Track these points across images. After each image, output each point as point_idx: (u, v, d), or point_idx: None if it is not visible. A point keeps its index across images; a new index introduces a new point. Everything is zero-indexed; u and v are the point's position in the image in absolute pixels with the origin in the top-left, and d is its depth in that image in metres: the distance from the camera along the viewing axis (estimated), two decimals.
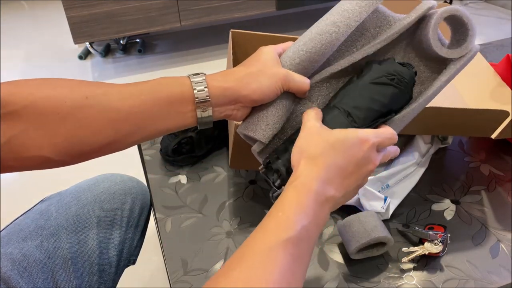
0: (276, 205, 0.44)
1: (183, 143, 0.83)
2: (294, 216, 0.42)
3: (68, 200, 0.73)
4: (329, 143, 0.45)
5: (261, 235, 0.42)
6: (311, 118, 0.48)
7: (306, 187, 0.43)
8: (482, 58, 0.93)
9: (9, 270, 0.62)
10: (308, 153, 0.45)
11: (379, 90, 0.49)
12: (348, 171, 0.45)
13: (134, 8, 2.13)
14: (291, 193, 0.44)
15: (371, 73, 0.50)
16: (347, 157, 0.45)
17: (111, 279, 0.74)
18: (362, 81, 0.50)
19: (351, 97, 0.50)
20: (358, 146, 0.45)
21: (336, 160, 0.44)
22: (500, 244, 0.68)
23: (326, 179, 0.44)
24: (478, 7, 2.94)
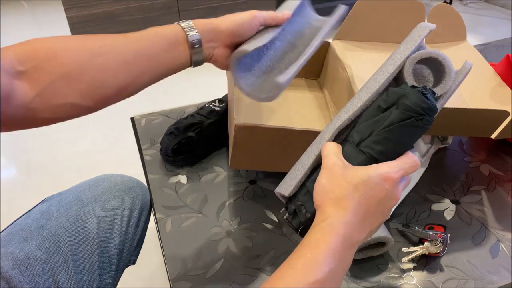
0: (304, 245, 0.44)
1: (183, 143, 0.83)
2: (323, 258, 0.42)
3: (69, 200, 0.73)
4: (352, 184, 0.45)
5: (288, 275, 0.42)
6: (331, 153, 0.48)
7: (335, 231, 0.43)
8: (482, 58, 0.93)
9: (10, 269, 0.62)
10: (333, 195, 0.45)
11: (407, 133, 0.47)
12: (371, 211, 0.45)
13: (134, 8, 2.13)
14: (320, 235, 0.43)
15: (399, 112, 0.47)
16: (371, 198, 0.45)
17: (111, 278, 0.74)
18: (389, 120, 0.47)
19: (378, 141, 0.47)
20: (381, 185, 0.45)
21: (361, 201, 0.44)
22: (500, 244, 0.68)
23: (353, 223, 0.44)
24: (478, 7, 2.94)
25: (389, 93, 0.48)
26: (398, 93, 0.48)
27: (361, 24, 0.92)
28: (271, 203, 0.77)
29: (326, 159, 0.47)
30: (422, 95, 0.47)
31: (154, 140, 0.92)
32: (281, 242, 0.70)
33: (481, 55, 0.94)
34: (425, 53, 0.52)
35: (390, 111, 0.47)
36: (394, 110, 0.47)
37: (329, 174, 0.46)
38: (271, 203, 0.77)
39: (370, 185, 0.45)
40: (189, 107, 1.01)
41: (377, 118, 0.48)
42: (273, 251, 0.68)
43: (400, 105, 0.47)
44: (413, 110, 0.46)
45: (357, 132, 0.49)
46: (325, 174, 0.46)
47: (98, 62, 0.50)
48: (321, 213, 0.45)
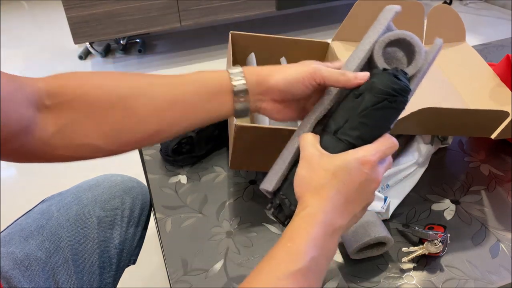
0: (285, 235, 0.43)
1: (183, 143, 0.83)
2: (304, 247, 0.42)
3: (69, 200, 0.73)
4: (330, 172, 0.44)
5: (270, 265, 0.42)
6: (308, 144, 0.48)
7: (315, 219, 0.43)
8: (481, 59, 0.93)
9: (10, 269, 0.62)
10: (312, 185, 0.45)
11: (382, 116, 0.47)
12: (352, 197, 0.45)
13: (134, 8, 2.13)
14: (299, 224, 0.43)
15: (371, 96, 0.47)
16: (350, 183, 0.45)
17: (111, 278, 0.75)
18: (363, 105, 0.47)
19: (354, 127, 0.47)
20: (359, 169, 0.44)
21: (339, 188, 0.44)
22: (500, 244, 0.68)
23: (333, 209, 0.44)
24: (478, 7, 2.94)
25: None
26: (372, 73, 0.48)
27: (360, 24, 0.92)
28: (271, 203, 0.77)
29: (303, 150, 0.48)
30: (393, 76, 0.47)
31: None
32: None
33: (481, 55, 0.94)
34: (393, 35, 0.52)
35: (363, 96, 0.48)
36: (366, 95, 0.47)
37: (307, 165, 0.46)
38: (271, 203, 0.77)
39: (348, 171, 0.44)
40: None
41: (352, 105, 0.48)
42: None
43: (372, 89, 0.47)
44: (385, 93, 0.47)
45: (333, 120, 0.49)
46: (303, 165, 0.46)
47: (127, 105, 0.47)
48: (301, 203, 0.45)
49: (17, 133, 0.42)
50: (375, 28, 0.54)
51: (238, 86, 0.50)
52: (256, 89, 0.50)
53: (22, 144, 0.44)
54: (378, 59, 0.52)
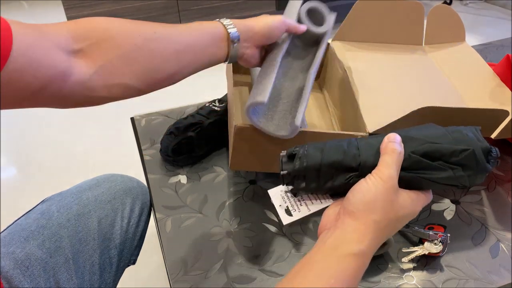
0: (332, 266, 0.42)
1: (183, 143, 0.83)
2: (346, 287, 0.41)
3: (69, 200, 0.73)
4: (397, 216, 0.45)
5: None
6: (393, 163, 0.45)
7: (364, 260, 0.43)
8: (481, 59, 0.93)
9: (11, 269, 0.62)
10: (378, 218, 0.44)
11: (442, 188, 0.49)
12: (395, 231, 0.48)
13: (134, 8, 2.13)
14: (350, 264, 0.42)
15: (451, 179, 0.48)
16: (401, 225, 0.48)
17: (111, 278, 0.75)
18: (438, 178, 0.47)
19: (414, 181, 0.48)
20: (416, 213, 0.48)
21: (393, 231, 0.47)
22: (500, 244, 0.68)
23: (376, 247, 0.45)
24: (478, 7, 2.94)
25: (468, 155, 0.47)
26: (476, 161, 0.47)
27: (360, 24, 0.92)
28: (271, 203, 0.77)
29: (386, 168, 0.45)
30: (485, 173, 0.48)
31: (154, 140, 0.92)
32: (281, 242, 0.70)
33: (481, 55, 0.94)
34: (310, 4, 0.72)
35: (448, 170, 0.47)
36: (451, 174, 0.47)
37: (382, 191, 0.44)
38: (271, 203, 0.77)
39: (407, 218, 0.47)
40: (189, 107, 1.01)
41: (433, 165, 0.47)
42: (273, 251, 0.68)
43: (460, 177, 0.48)
44: (464, 184, 0.48)
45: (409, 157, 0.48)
46: (378, 187, 0.44)
47: (153, 47, 0.52)
48: (357, 231, 0.43)
49: (53, 78, 0.44)
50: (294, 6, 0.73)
51: (233, 33, 0.60)
52: (244, 36, 0.61)
53: (59, 89, 0.46)
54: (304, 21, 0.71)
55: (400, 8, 0.92)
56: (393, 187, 0.45)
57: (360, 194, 0.44)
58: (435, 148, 0.48)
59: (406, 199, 0.46)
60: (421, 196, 0.48)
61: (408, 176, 0.47)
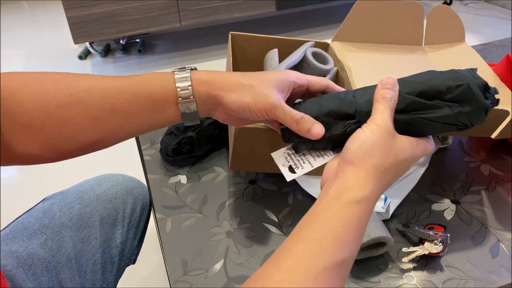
0: (335, 215, 0.41)
1: (183, 143, 0.83)
2: (353, 235, 0.40)
3: (71, 200, 0.73)
4: (397, 159, 0.44)
5: (317, 249, 0.39)
6: (387, 110, 0.45)
7: (368, 207, 0.42)
8: (480, 59, 0.93)
9: (14, 268, 0.62)
10: (377, 162, 0.43)
11: (440, 129, 0.48)
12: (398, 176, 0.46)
13: (134, 8, 2.13)
14: (353, 211, 0.41)
15: (450, 118, 0.46)
16: (402, 173, 0.46)
17: (113, 277, 0.75)
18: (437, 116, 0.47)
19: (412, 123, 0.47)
20: (411, 164, 0.46)
21: (395, 176, 0.45)
22: (500, 244, 0.68)
23: (381, 192, 0.44)
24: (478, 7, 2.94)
25: (464, 90, 0.46)
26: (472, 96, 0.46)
27: (360, 24, 0.92)
28: (271, 203, 0.77)
29: (380, 114, 0.44)
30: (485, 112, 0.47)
31: (154, 140, 0.92)
32: (281, 242, 0.70)
33: (481, 55, 0.94)
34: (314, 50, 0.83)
35: (446, 108, 0.46)
36: (448, 111, 0.46)
37: (379, 137, 0.43)
38: (271, 203, 0.77)
39: (408, 162, 0.45)
40: None
41: (430, 104, 0.46)
42: (273, 251, 0.68)
43: (459, 114, 0.46)
44: (465, 123, 0.47)
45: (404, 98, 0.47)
46: (375, 133, 0.43)
47: (64, 114, 0.44)
48: (358, 178, 0.42)
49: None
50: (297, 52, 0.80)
51: (185, 99, 0.46)
52: (205, 101, 0.47)
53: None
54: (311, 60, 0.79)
55: (400, 8, 0.92)
56: (389, 132, 0.44)
57: (357, 141, 0.44)
58: (430, 86, 0.47)
59: (405, 142, 0.45)
60: (420, 142, 0.46)
61: (406, 118, 0.46)
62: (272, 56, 0.83)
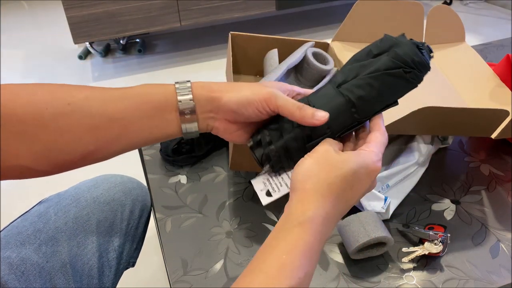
0: (279, 241, 0.40)
1: (183, 143, 0.83)
2: (300, 261, 0.39)
3: (67, 203, 0.72)
4: (342, 172, 0.42)
5: (261, 279, 0.38)
6: (327, 141, 0.45)
7: (315, 227, 0.40)
8: (480, 59, 0.93)
9: (6, 274, 0.61)
10: (317, 181, 0.42)
11: (391, 83, 0.46)
12: (355, 198, 0.44)
13: (134, 8, 2.13)
14: (298, 233, 0.40)
15: (388, 60, 0.45)
16: (357, 188, 0.43)
17: (110, 282, 0.74)
18: (376, 66, 0.46)
19: (360, 85, 0.46)
20: (369, 177, 0.43)
21: (346, 191, 0.42)
22: (500, 244, 0.68)
23: (333, 215, 0.42)
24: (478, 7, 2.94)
25: (384, 39, 0.47)
26: (392, 40, 0.47)
27: (360, 24, 0.92)
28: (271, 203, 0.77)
29: (321, 145, 0.45)
30: (417, 48, 0.45)
31: None
32: None
33: (481, 55, 0.94)
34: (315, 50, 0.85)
35: (379, 58, 0.46)
36: (384, 57, 0.46)
37: (317, 159, 0.43)
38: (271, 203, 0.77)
39: (358, 176, 0.42)
40: None
41: (365, 63, 0.47)
42: None
43: (391, 53, 0.46)
44: (403, 61, 0.45)
45: (342, 72, 0.48)
46: (313, 158, 0.43)
47: (62, 123, 0.43)
48: (300, 201, 0.41)
49: None
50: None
51: (184, 102, 0.45)
52: (206, 106, 0.46)
53: None
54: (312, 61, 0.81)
55: (400, 8, 0.92)
56: (328, 151, 0.43)
57: (298, 168, 0.43)
58: (359, 53, 0.48)
59: (350, 153, 0.43)
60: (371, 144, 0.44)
61: (353, 83, 0.46)
62: (272, 56, 0.83)
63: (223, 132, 0.49)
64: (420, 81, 0.47)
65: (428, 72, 0.47)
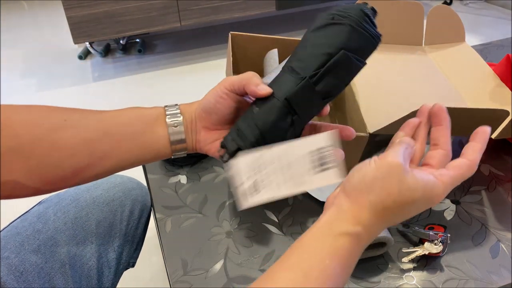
0: (325, 246, 0.39)
1: None
2: (341, 270, 0.39)
3: (67, 203, 0.72)
4: (403, 199, 0.39)
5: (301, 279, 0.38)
6: (400, 150, 0.42)
7: (360, 243, 0.40)
8: (480, 59, 0.93)
9: (5, 275, 0.61)
10: (375, 203, 0.40)
11: (319, 34, 0.47)
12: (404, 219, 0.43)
13: (134, 8, 2.13)
14: (345, 244, 0.39)
15: (313, 24, 0.48)
16: (410, 214, 0.42)
17: (110, 282, 0.74)
18: (304, 35, 0.49)
19: (294, 53, 0.48)
20: (426, 206, 0.42)
21: (397, 217, 0.41)
22: (500, 244, 0.68)
23: (377, 232, 0.41)
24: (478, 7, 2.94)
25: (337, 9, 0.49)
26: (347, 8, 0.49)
27: None
28: (271, 203, 0.77)
29: (393, 152, 0.41)
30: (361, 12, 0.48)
31: None
32: (281, 242, 0.70)
33: (481, 55, 0.94)
34: None
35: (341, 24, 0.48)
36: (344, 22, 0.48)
37: (383, 172, 0.40)
38: (271, 203, 0.77)
39: (418, 205, 0.40)
40: None
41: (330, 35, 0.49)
42: (273, 251, 0.68)
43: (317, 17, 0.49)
44: (325, 15, 0.47)
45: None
46: (380, 168, 0.40)
47: (56, 137, 0.44)
48: (353, 212, 0.40)
49: None
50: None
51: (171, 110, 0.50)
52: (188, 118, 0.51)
53: None
54: None
55: (400, 8, 0.92)
56: (399, 168, 0.40)
57: (360, 173, 0.41)
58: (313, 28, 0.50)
59: (419, 181, 0.40)
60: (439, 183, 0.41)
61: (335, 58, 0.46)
62: (272, 56, 0.83)
63: (203, 144, 0.52)
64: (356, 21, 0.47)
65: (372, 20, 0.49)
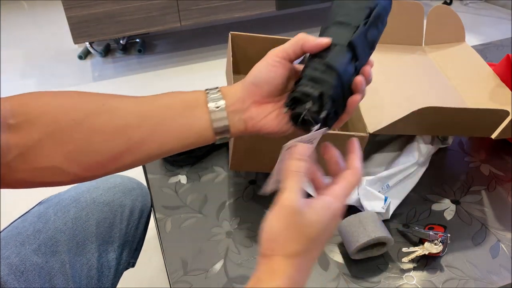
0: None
1: None
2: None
3: (67, 203, 0.72)
4: (309, 238, 0.40)
5: None
6: (295, 186, 0.42)
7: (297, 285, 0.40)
8: (480, 59, 0.93)
9: (5, 274, 0.61)
10: (288, 252, 0.40)
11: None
12: (321, 247, 0.43)
13: (134, 8, 2.13)
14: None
15: None
16: (325, 238, 0.42)
17: (110, 282, 0.74)
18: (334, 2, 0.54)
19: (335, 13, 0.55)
20: (335, 222, 0.42)
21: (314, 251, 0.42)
22: (500, 244, 0.68)
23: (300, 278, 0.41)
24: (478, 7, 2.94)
25: None
26: None
27: None
28: (271, 203, 0.77)
29: (288, 192, 0.42)
30: None
31: None
32: None
33: (481, 55, 0.94)
34: None
35: None
36: None
37: (284, 222, 0.40)
38: (271, 203, 0.77)
39: (328, 228, 0.41)
40: None
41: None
42: None
43: None
44: None
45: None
46: (280, 218, 0.41)
47: (94, 121, 0.44)
48: (271, 269, 0.40)
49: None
50: None
51: (212, 93, 0.47)
52: (233, 98, 0.47)
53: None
54: None
55: (400, 8, 0.92)
56: (295, 211, 0.40)
57: (264, 233, 0.41)
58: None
59: (312, 215, 0.41)
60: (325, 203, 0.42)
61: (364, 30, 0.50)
62: None
63: (257, 119, 0.47)
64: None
65: None
